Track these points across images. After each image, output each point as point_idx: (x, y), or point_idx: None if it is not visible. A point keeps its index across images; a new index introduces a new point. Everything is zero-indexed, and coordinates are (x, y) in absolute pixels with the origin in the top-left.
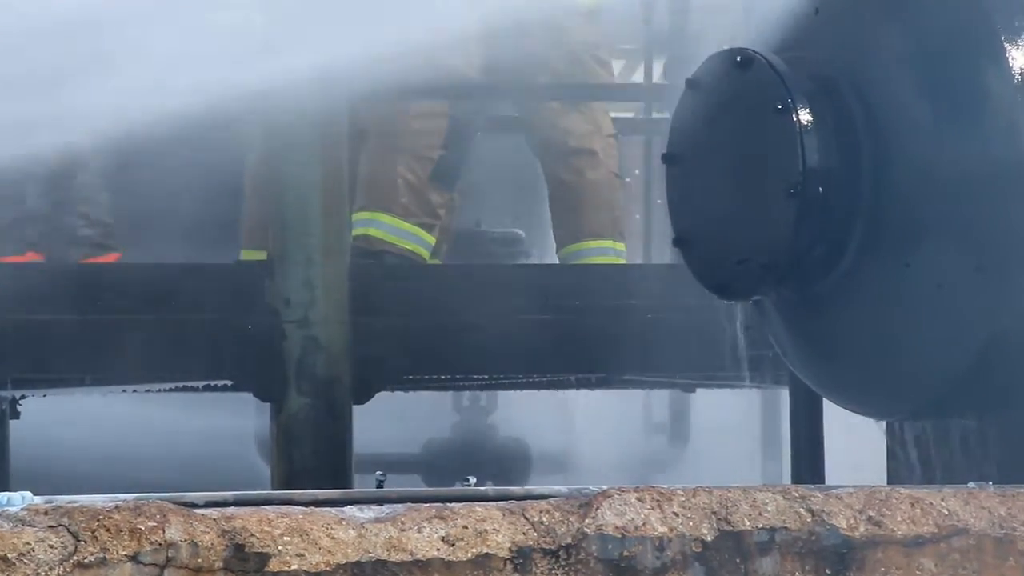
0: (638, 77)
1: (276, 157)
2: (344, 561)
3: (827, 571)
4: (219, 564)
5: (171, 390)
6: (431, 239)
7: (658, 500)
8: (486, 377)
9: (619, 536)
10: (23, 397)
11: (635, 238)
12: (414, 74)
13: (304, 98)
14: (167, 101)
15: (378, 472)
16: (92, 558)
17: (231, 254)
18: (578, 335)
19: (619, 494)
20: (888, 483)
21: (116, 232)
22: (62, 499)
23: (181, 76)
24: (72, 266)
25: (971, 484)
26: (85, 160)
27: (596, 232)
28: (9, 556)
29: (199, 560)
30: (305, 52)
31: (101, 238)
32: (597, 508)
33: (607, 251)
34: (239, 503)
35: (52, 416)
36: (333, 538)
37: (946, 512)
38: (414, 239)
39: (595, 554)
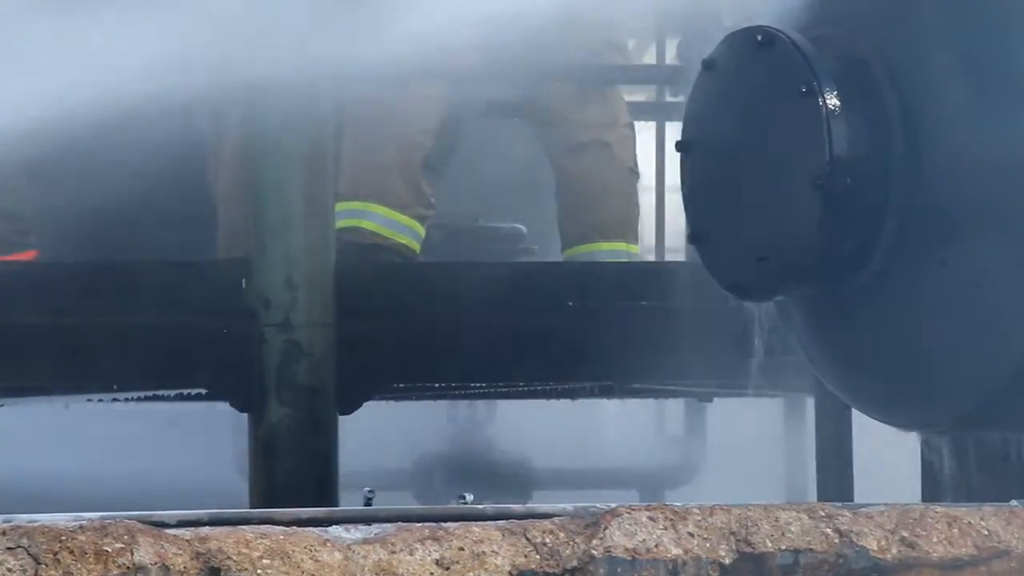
0: (650, 58)
1: (255, 140)
2: None
3: None
4: None
5: (140, 399)
6: (423, 232)
7: (672, 519)
8: (484, 385)
9: (629, 559)
10: None
11: (647, 233)
12: (408, 56)
13: (287, 84)
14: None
15: (366, 488)
16: None
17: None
18: (584, 339)
19: (629, 513)
20: (923, 500)
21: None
22: (21, 518)
23: (132, 58)
24: (28, 264)
25: (1014, 502)
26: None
27: (608, 233)
28: None
29: None
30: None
31: (16, 235)
32: (605, 528)
33: (619, 254)
34: (214, 522)
35: (9, 428)
36: (317, 561)
37: (986, 532)
38: (409, 232)
39: None
